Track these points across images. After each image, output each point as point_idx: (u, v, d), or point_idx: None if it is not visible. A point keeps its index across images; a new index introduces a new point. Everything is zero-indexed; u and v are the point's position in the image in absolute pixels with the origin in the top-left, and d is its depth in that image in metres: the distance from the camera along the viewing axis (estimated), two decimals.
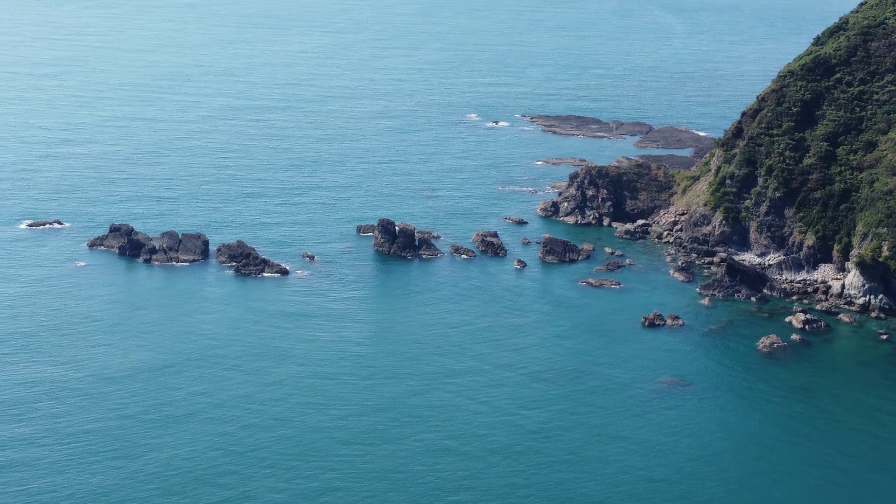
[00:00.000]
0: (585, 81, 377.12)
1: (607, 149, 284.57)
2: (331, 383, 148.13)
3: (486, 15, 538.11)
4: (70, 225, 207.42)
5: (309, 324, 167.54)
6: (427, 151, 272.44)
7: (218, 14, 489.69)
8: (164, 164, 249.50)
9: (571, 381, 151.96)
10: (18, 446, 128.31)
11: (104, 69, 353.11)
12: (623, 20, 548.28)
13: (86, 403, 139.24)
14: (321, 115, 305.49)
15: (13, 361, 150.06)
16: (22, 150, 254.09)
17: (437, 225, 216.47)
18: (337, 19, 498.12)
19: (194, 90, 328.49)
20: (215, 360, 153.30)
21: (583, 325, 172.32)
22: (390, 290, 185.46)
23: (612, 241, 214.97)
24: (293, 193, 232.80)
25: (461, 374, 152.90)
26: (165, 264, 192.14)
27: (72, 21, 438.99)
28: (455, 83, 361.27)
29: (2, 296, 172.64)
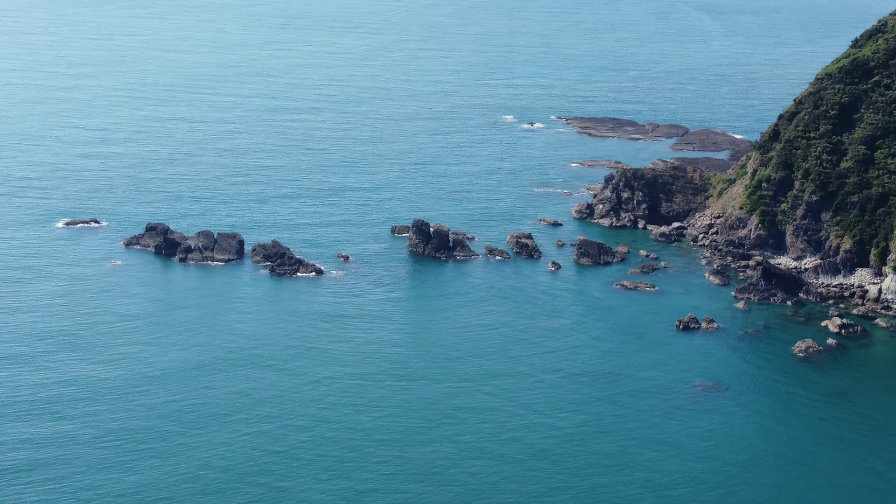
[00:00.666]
0: (621, 83, 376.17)
1: (643, 151, 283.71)
2: (367, 384, 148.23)
3: (522, 16, 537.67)
4: (106, 224, 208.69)
5: (344, 324, 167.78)
6: (462, 153, 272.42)
7: (254, 14, 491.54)
8: (201, 163, 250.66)
9: (607, 384, 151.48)
10: (57, 444, 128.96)
11: (142, 69, 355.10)
12: (659, 22, 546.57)
13: (123, 402, 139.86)
14: (356, 116, 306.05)
15: (52, 360, 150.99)
16: (59, 150, 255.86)
17: (471, 226, 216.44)
18: (372, 20, 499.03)
19: (231, 90, 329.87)
20: (252, 360, 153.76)
21: (617, 328, 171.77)
22: (425, 291, 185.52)
23: (647, 243, 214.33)
24: (328, 194, 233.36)
25: (497, 376, 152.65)
26: (201, 263, 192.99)
27: (110, 21, 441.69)
28: (490, 85, 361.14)
29: (39, 293, 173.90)
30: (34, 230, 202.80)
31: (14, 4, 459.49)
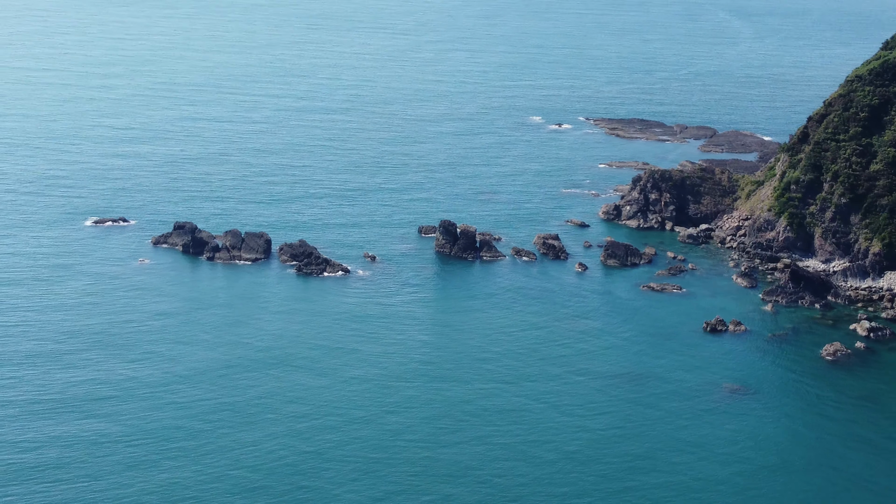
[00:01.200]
0: (650, 84, 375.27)
1: (671, 152, 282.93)
2: (396, 384, 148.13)
3: (550, 17, 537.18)
4: (135, 222, 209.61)
5: (371, 324, 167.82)
6: (490, 154, 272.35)
7: (283, 14, 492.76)
8: (229, 163, 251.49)
9: (635, 386, 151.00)
10: (86, 442, 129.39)
11: (171, 69, 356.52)
12: (688, 23, 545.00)
13: (153, 400, 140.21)
14: (384, 117, 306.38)
15: (80, 358, 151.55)
16: (88, 149, 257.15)
17: (498, 227, 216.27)
18: (401, 21, 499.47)
19: (259, 90, 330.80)
20: (280, 360, 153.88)
21: (644, 330, 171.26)
22: (452, 291, 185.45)
23: (675, 245, 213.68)
24: (355, 194, 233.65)
25: (526, 377, 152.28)
26: (228, 262, 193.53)
27: (139, 21, 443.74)
28: (518, 85, 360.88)
29: (68, 291, 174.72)
30: (63, 228, 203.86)
31: (44, 4, 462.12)
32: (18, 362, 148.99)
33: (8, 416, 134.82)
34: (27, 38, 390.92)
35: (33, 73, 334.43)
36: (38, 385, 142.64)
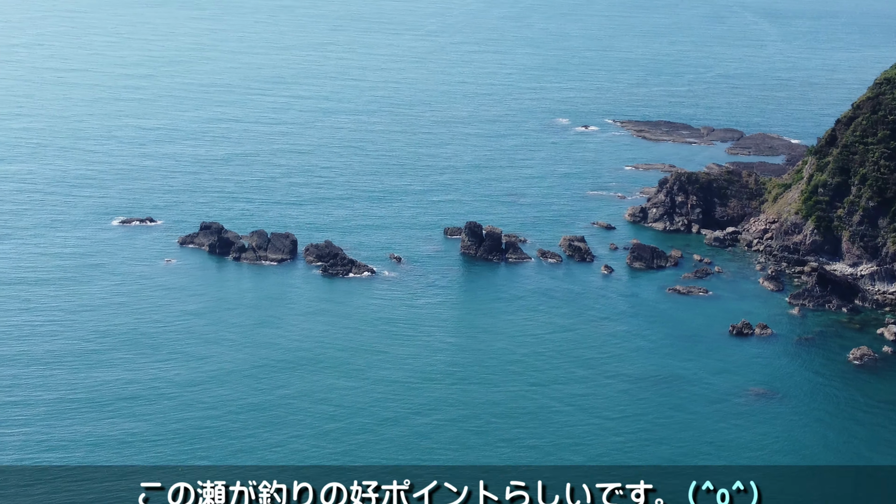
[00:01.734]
0: (676, 87, 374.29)
1: (697, 155, 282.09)
2: (424, 385, 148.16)
3: (577, 19, 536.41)
4: (161, 222, 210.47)
5: (397, 325, 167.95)
6: (515, 155, 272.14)
7: (310, 16, 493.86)
8: (255, 164, 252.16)
9: (661, 390, 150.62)
10: (114, 442, 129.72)
11: (198, 70, 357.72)
12: (716, 26, 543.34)
13: (181, 401, 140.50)
14: (410, 118, 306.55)
15: (109, 358, 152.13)
16: (116, 149, 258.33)
17: (524, 229, 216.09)
18: (428, 22, 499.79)
19: (286, 91, 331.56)
20: (307, 361, 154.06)
21: (670, 333, 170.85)
22: (478, 293, 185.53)
23: (701, 248, 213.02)
24: (381, 195, 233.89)
25: (554, 380, 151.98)
26: (254, 263, 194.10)
27: (167, 22, 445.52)
28: (545, 87, 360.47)
29: (96, 290, 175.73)
30: (90, 228, 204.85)
31: (73, 5, 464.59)
32: (47, 362, 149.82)
33: (36, 416, 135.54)
34: (56, 39, 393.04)
35: (62, 73, 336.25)
36: (67, 385, 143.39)
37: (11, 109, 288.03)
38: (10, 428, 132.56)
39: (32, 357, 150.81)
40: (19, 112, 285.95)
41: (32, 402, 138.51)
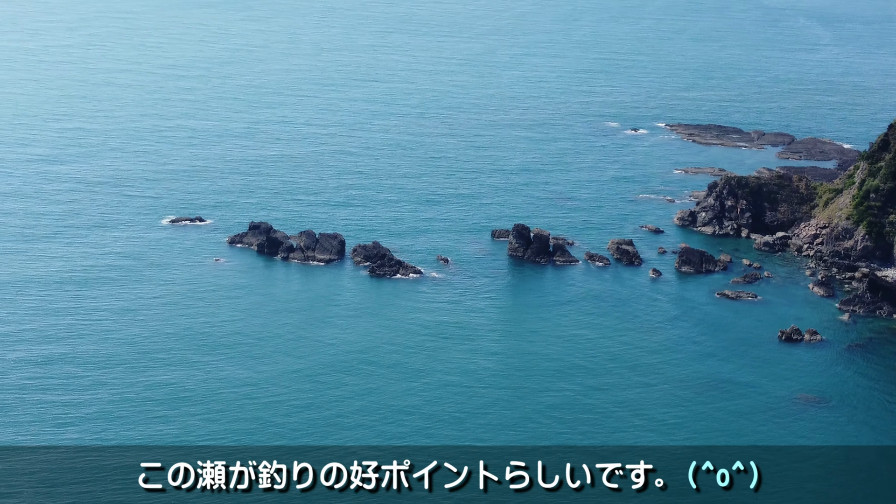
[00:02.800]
0: (727, 91, 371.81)
1: (748, 159, 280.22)
2: (472, 387, 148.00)
3: (627, 22, 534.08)
4: (211, 222, 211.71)
5: (445, 328, 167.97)
6: (564, 158, 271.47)
7: (360, 18, 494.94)
8: (304, 165, 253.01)
9: (711, 395, 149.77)
10: (167, 444, 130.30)
11: (248, 71, 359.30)
12: (767, 29, 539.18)
13: (234, 402, 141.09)
14: (459, 121, 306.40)
15: (160, 358, 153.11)
16: (167, 149, 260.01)
17: (572, 231, 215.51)
18: (478, 24, 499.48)
19: (335, 93, 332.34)
20: (358, 362, 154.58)
21: (719, 338, 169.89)
22: (525, 296, 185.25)
23: (751, 252, 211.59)
24: (429, 197, 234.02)
25: (602, 386, 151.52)
26: (302, 263, 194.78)
27: (217, 24, 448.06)
28: (594, 90, 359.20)
29: (146, 290, 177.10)
30: (140, 228, 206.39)
31: (125, 6, 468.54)
32: (98, 364, 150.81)
33: (88, 417, 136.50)
34: (108, 39, 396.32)
35: (115, 74, 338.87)
36: (119, 387, 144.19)
37: (65, 110, 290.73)
38: (64, 429, 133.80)
39: (83, 358, 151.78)
40: (73, 112, 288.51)
41: (84, 403, 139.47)
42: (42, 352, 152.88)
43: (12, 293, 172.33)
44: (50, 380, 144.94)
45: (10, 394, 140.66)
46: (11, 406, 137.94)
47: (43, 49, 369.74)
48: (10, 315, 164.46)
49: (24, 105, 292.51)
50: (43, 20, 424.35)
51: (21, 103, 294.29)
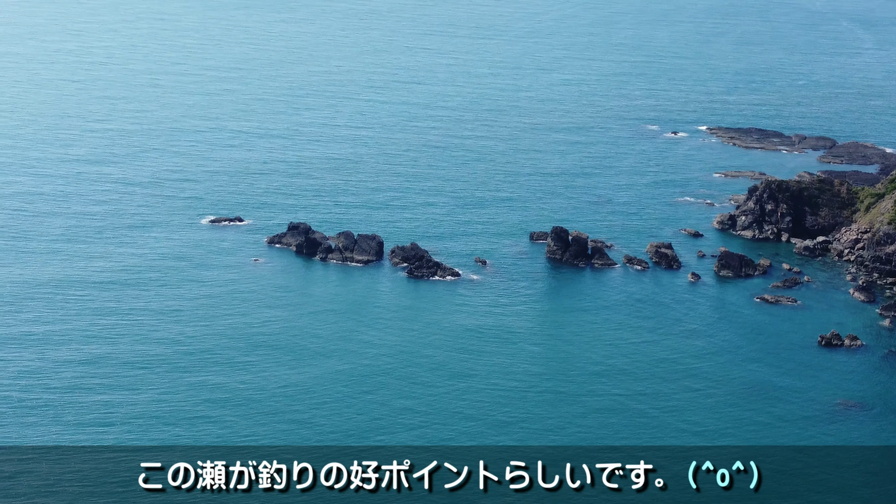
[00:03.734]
0: (768, 94, 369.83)
1: (789, 163, 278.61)
2: (516, 392, 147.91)
3: (667, 25, 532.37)
4: (250, 222, 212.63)
5: (483, 332, 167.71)
6: (604, 161, 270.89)
7: (399, 20, 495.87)
8: (343, 166, 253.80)
9: (750, 400, 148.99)
10: (208, 448, 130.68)
11: (289, 73, 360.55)
12: (809, 33, 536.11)
13: (274, 405, 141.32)
14: (498, 123, 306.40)
15: (200, 360, 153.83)
16: (207, 150, 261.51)
17: (610, 234, 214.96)
18: (518, 26, 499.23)
19: (375, 96, 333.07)
20: (397, 365, 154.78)
21: (758, 342, 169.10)
22: (563, 299, 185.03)
23: (791, 257, 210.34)
24: (467, 199, 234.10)
25: (643, 391, 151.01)
26: (341, 263, 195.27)
27: (260, 26, 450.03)
28: (634, 93, 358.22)
29: (186, 289, 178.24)
30: (180, 227, 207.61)
31: (165, 8, 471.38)
32: (140, 365, 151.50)
33: (131, 417, 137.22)
34: (149, 41, 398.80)
35: (156, 76, 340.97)
36: (160, 388, 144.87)
37: (107, 111, 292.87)
38: (106, 429, 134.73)
39: (125, 359, 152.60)
40: (114, 113, 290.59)
41: (126, 404, 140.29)
42: (85, 352, 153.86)
43: (55, 293, 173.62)
44: (92, 380, 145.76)
45: (54, 394, 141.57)
46: (56, 406, 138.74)
47: (85, 50, 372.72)
48: (53, 315, 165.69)
49: (66, 106, 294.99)
50: (84, 21, 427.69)
51: (63, 104, 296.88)
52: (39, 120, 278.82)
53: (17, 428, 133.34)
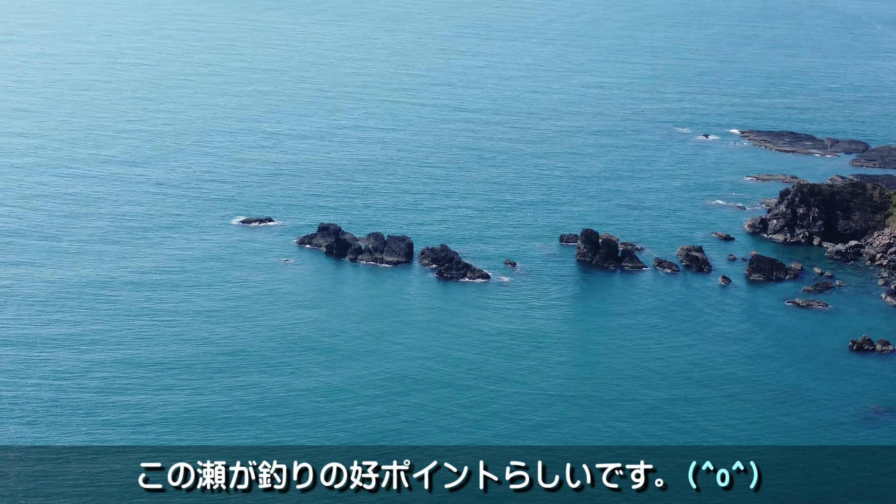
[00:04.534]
0: (800, 97, 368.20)
1: (821, 166, 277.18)
2: (551, 394, 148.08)
3: (699, 28, 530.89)
4: (280, 222, 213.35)
5: (513, 335, 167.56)
6: (635, 164, 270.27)
7: (430, 22, 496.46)
8: (373, 168, 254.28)
9: (782, 404, 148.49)
10: (242, 454, 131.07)
11: (320, 75, 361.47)
12: (842, 36, 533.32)
13: (307, 408, 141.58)
14: (528, 125, 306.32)
15: (233, 361, 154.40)
16: (238, 151, 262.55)
17: (641, 237, 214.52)
18: (548, 28, 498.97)
19: (406, 98, 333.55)
20: (430, 370, 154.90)
21: (789, 346, 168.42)
22: (593, 301, 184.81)
23: (822, 261, 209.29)
24: (497, 201, 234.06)
25: (671, 397, 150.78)
26: (370, 264, 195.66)
27: (290, 27, 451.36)
28: (665, 96, 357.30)
29: (217, 289, 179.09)
30: (211, 228, 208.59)
31: (197, 9, 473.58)
32: (171, 366, 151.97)
33: (165, 418, 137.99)
34: (182, 42, 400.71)
35: (189, 77, 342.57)
36: (194, 391, 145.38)
37: (140, 112, 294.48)
38: (141, 429, 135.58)
39: (156, 361, 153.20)
40: (147, 114, 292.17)
41: (161, 405, 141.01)
42: (118, 353, 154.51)
43: (88, 295, 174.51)
44: (127, 381, 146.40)
45: (89, 394, 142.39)
46: (90, 407, 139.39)
47: (118, 51, 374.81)
48: (85, 316, 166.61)
49: (100, 107, 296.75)
50: (118, 22, 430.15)
51: (97, 105, 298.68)
52: (72, 121, 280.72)
53: (49, 427, 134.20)
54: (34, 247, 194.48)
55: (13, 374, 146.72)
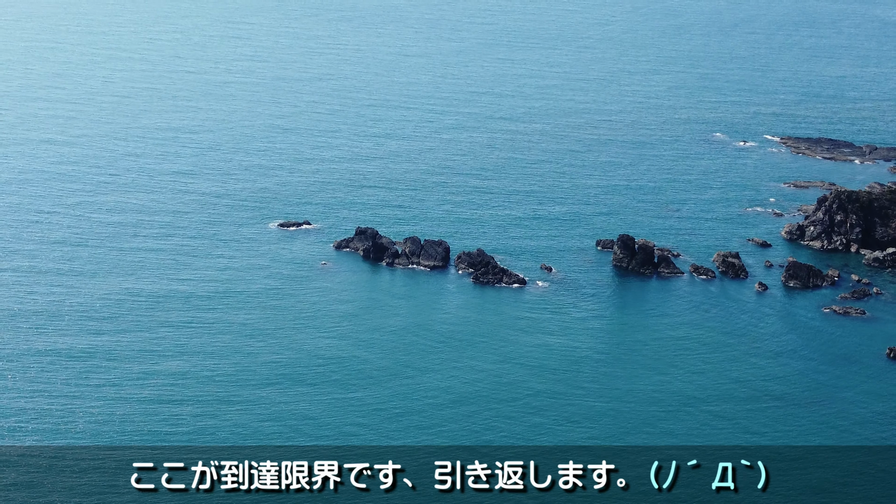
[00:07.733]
0: (839, 105, 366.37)
1: (859, 173, 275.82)
2: (576, 393, 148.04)
3: (736, 34, 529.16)
4: (318, 226, 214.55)
5: (548, 339, 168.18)
6: (671, 170, 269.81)
7: (466, 29, 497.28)
8: (410, 173, 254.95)
9: (816, 412, 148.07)
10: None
11: (355, 81, 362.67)
12: (882, 45, 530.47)
13: (347, 409, 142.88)
14: (565, 131, 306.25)
15: (270, 362, 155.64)
16: (275, 156, 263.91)
17: (677, 243, 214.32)
18: (586, 34, 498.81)
19: (442, 104, 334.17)
20: (468, 375, 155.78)
21: (825, 353, 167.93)
22: (629, 307, 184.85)
23: (860, 268, 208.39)
24: (534, 206, 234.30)
25: (707, 399, 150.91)
26: (407, 268, 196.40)
27: (319, 35, 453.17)
28: (702, 102, 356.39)
29: (254, 292, 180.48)
30: (249, 231, 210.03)
31: (235, 16, 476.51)
32: (214, 378, 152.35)
33: (215, 427, 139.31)
34: (221, 48, 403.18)
35: (226, 85, 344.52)
36: (235, 401, 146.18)
37: (178, 118, 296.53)
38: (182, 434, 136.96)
39: (194, 371, 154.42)
40: (185, 121, 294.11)
41: (192, 400, 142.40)
42: (160, 365, 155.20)
43: (118, 304, 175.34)
44: (172, 390, 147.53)
45: (131, 406, 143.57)
46: (130, 418, 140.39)
47: (158, 57, 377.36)
48: (121, 326, 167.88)
49: (138, 113, 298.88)
50: (158, 29, 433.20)
51: (135, 111, 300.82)
52: (108, 125, 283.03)
53: (89, 434, 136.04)
54: (82, 256, 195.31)
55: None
